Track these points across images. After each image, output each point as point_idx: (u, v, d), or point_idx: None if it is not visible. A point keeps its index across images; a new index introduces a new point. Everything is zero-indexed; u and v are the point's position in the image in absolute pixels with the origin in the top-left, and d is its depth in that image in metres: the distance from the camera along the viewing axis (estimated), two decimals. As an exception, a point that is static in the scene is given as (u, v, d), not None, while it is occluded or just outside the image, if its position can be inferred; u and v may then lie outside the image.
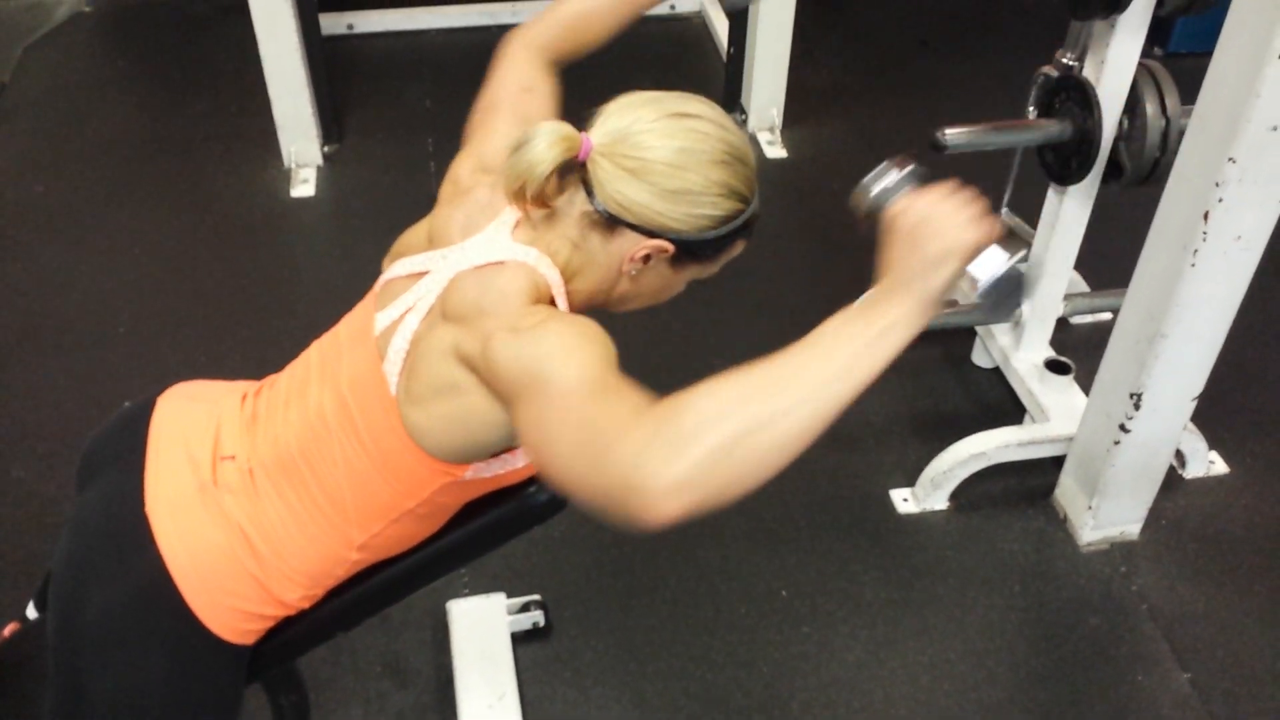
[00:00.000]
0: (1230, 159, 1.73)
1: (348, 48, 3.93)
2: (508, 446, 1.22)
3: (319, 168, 3.36)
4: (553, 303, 1.19)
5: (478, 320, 1.14)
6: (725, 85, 3.59)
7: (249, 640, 1.30)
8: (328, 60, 3.35)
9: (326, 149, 3.40)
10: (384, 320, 1.24)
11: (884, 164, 1.08)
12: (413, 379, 1.19)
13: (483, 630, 2.01)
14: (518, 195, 1.16)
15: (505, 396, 1.10)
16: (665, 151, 1.14)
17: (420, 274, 1.24)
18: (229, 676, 1.31)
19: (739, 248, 1.25)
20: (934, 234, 1.01)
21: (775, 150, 3.46)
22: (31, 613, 1.62)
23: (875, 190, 1.08)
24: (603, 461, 0.97)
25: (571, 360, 1.06)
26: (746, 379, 0.97)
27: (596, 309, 1.28)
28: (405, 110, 3.65)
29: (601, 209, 1.16)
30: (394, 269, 1.27)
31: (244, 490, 1.27)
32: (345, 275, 2.93)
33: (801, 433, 0.97)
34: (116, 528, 1.28)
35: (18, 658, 1.52)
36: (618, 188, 1.15)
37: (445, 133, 3.53)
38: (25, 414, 2.55)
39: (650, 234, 1.17)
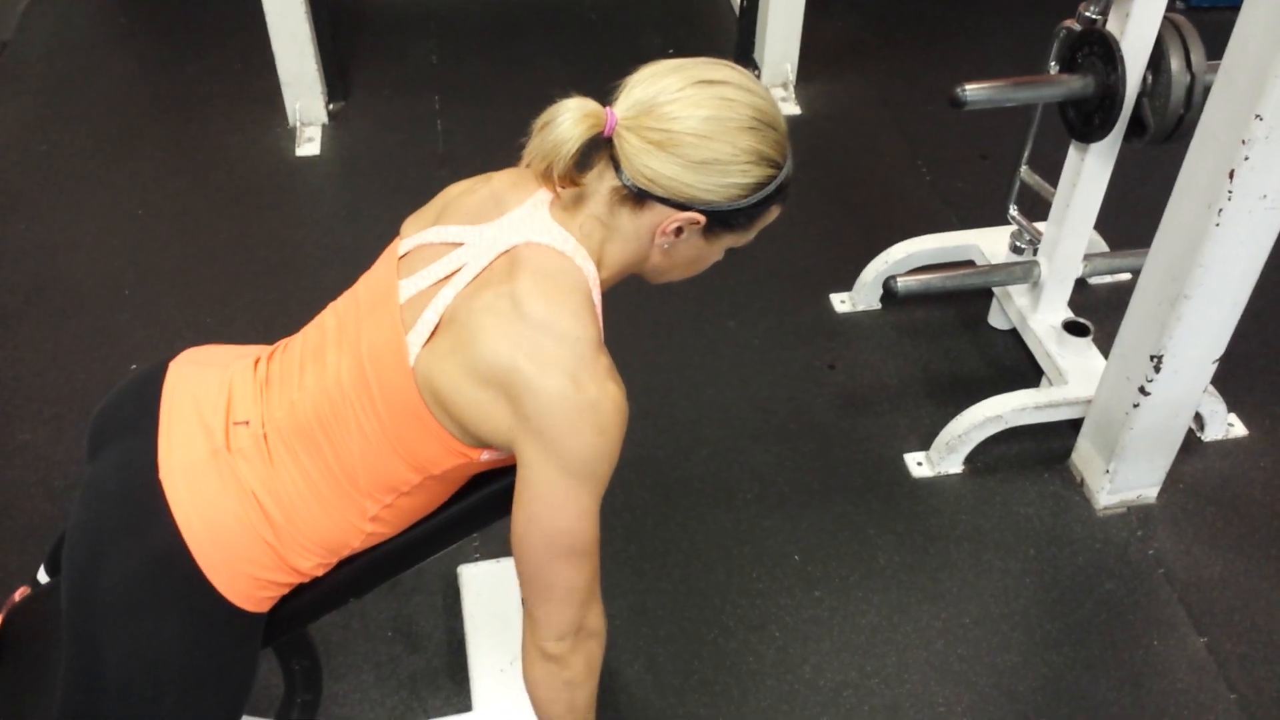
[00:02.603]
0: (1257, 116, 1.70)
1: (352, 3, 3.87)
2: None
3: (324, 126, 3.32)
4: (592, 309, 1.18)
5: (544, 336, 1.13)
6: (738, 40, 3.53)
7: (264, 607, 1.30)
8: (332, 16, 3.30)
9: (331, 107, 3.36)
10: (410, 288, 1.21)
11: None
12: (449, 352, 1.17)
13: (494, 595, 2.00)
14: (545, 176, 1.14)
15: (525, 426, 1.13)
16: (692, 121, 1.11)
17: (454, 244, 1.21)
18: (244, 643, 1.31)
19: (774, 214, 1.22)
20: None
21: (789, 107, 3.40)
22: (42, 576, 1.61)
23: None
24: (560, 623, 1.22)
25: (605, 464, 1.18)
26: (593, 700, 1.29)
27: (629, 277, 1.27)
28: (411, 67, 3.60)
29: (630, 184, 1.14)
30: (425, 235, 1.24)
31: (258, 456, 1.26)
32: (352, 235, 2.90)
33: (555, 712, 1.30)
34: (131, 495, 1.27)
35: (29, 621, 1.52)
36: (645, 161, 1.12)
37: (451, 90, 3.48)
38: (31, 376, 2.53)
39: (681, 206, 1.15)
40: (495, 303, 1.15)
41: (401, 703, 1.93)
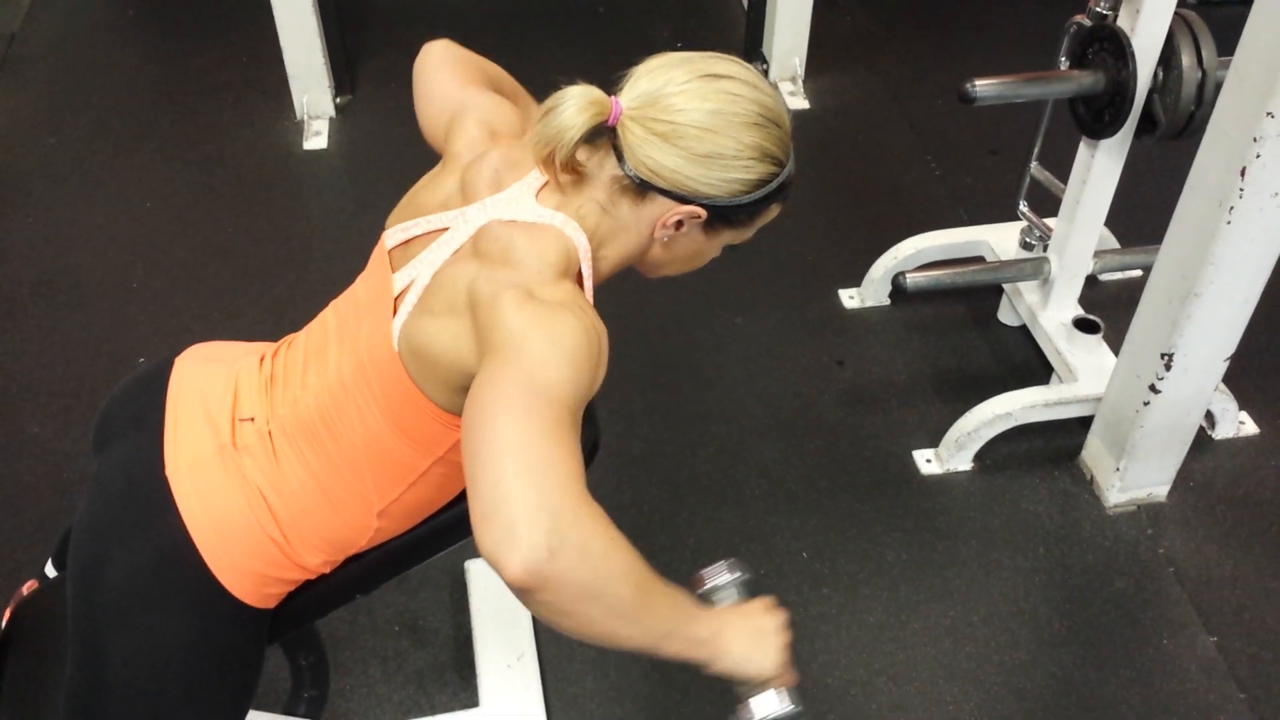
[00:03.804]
0: (1269, 113, 1.69)
1: (360, -4, 3.87)
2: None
3: (331, 119, 3.32)
4: (579, 276, 1.16)
5: (502, 268, 1.12)
6: (746, 33, 3.52)
7: (270, 604, 1.30)
8: (339, 9, 3.29)
9: (339, 100, 3.36)
10: (402, 280, 1.21)
11: (720, 563, 1.22)
12: (421, 312, 1.17)
13: (501, 590, 1.98)
14: (547, 161, 1.13)
15: (483, 344, 1.08)
16: (697, 114, 1.11)
17: (439, 231, 1.21)
18: (250, 639, 1.31)
19: (774, 212, 1.22)
20: (736, 645, 1.10)
21: (797, 101, 3.39)
22: (50, 570, 1.61)
23: (708, 584, 1.22)
24: (499, 498, 0.96)
25: (563, 368, 1.03)
26: (631, 571, 1.01)
27: (627, 271, 1.25)
28: (419, 60, 3.58)
29: (632, 174, 1.13)
30: (410, 228, 1.24)
31: (263, 453, 1.26)
32: (359, 230, 2.90)
33: (611, 635, 1.02)
34: (137, 491, 1.27)
35: (37, 615, 1.52)
36: (648, 152, 1.11)
37: (460, 83, 3.47)
38: (40, 369, 2.54)
39: (682, 199, 1.14)
40: (457, 256, 1.17)
41: (408, 698, 1.93)
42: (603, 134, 1.13)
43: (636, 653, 1.05)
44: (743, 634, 1.10)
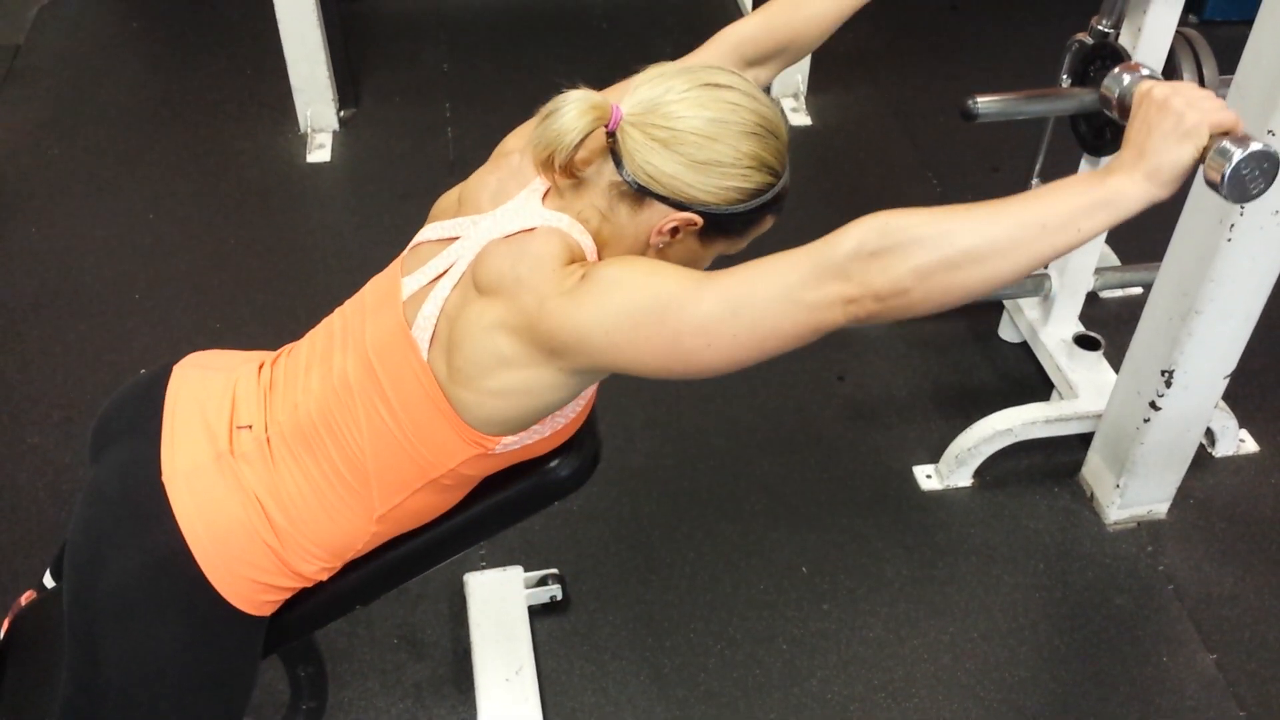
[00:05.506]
0: (1270, 131, 1.69)
1: (364, 9, 3.88)
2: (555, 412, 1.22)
3: (335, 133, 3.32)
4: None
5: (517, 292, 1.13)
6: (748, 51, 3.53)
7: (266, 611, 1.30)
8: (344, 22, 3.31)
9: (343, 113, 3.36)
10: (411, 285, 1.22)
11: (1120, 66, 1.13)
12: (455, 356, 1.17)
13: (500, 603, 2.00)
14: (545, 164, 1.14)
15: (597, 355, 1.10)
16: (696, 121, 1.12)
17: (450, 239, 1.22)
18: (245, 647, 1.31)
19: (768, 223, 1.23)
20: (1180, 110, 0.99)
21: (800, 117, 3.40)
22: (48, 581, 1.61)
23: (1126, 79, 1.13)
24: (816, 268, 1.03)
25: (663, 272, 1.09)
26: (969, 211, 1.02)
27: None
28: (422, 74, 3.60)
29: (630, 180, 1.14)
30: (424, 233, 1.26)
31: (261, 460, 1.26)
32: (361, 243, 2.90)
33: (1003, 274, 1.02)
34: (133, 497, 1.27)
35: (35, 626, 1.52)
36: (647, 158, 1.13)
37: (463, 97, 3.48)
38: (41, 380, 2.54)
39: (679, 206, 1.15)
40: (465, 288, 1.18)
41: (406, 711, 1.93)
42: (603, 139, 1.14)
43: (1067, 250, 1.01)
44: (1165, 131, 0.99)
